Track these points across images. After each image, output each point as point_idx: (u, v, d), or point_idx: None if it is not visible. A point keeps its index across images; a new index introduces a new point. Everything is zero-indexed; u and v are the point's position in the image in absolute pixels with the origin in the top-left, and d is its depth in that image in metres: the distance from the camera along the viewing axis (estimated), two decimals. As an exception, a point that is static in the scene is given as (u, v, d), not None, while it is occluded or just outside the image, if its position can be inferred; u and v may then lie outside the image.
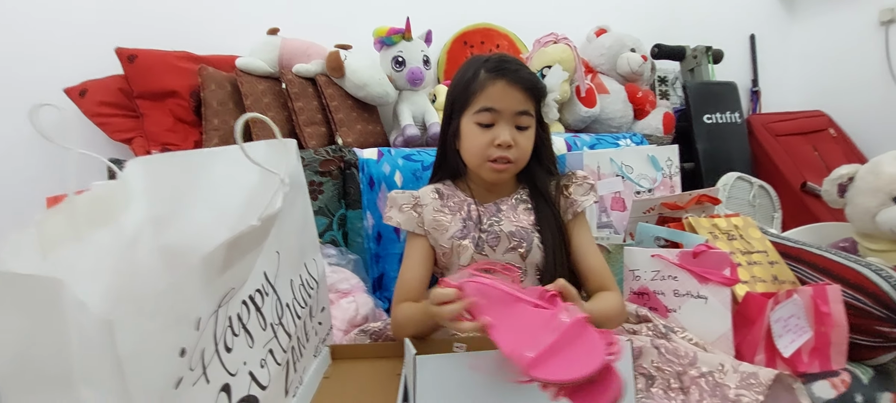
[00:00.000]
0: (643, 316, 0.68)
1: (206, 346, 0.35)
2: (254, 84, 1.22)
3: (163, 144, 1.16)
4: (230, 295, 0.39)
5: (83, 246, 0.35)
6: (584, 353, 0.41)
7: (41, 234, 0.31)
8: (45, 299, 0.24)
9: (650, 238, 0.81)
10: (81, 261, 0.33)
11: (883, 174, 0.97)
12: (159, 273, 0.46)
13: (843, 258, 0.77)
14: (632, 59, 1.58)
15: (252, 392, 0.42)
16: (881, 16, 1.82)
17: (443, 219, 0.73)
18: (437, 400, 0.48)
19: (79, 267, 0.33)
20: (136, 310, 0.26)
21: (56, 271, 0.24)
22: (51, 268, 0.30)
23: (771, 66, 2.09)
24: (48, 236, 0.31)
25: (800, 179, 1.60)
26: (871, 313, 0.69)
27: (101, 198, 0.39)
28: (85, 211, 0.36)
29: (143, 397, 0.27)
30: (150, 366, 0.27)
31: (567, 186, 0.75)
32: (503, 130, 0.69)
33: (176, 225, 0.55)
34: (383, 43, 1.33)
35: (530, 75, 0.71)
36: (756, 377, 0.54)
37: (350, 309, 0.85)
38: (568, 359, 0.41)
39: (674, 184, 1.19)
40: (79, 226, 0.35)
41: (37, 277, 0.24)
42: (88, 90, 1.15)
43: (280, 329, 0.51)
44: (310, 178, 1.09)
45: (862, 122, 1.86)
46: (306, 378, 0.58)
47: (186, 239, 0.53)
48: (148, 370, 0.27)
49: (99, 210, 0.39)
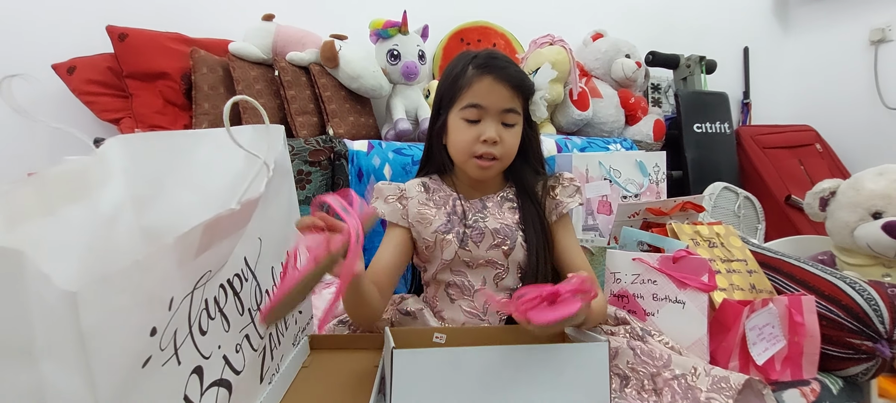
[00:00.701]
0: (621, 318, 0.69)
1: (179, 327, 0.35)
2: (246, 69, 1.21)
3: (151, 126, 1.15)
4: (207, 277, 0.39)
5: (53, 220, 0.34)
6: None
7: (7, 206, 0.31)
8: (6, 271, 0.23)
9: (633, 242, 0.82)
10: (51, 236, 0.33)
11: (863, 190, 0.99)
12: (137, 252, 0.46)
13: (820, 270, 0.78)
14: (626, 64, 1.59)
15: (225, 376, 0.42)
16: (871, 35, 1.86)
17: (427, 212, 0.73)
18: (414, 393, 0.49)
19: (47, 241, 0.32)
20: (101, 285, 0.26)
21: (20, 244, 0.24)
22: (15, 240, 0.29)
23: (763, 78, 2.12)
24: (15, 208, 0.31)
25: (784, 192, 1.63)
26: (844, 325, 0.70)
27: (75, 173, 0.39)
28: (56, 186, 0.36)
29: (106, 373, 0.27)
30: (115, 343, 0.27)
31: (553, 187, 0.76)
32: (489, 127, 0.69)
33: (158, 207, 0.54)
34: (379, 35, 1.33)
35: (518, 73, 0.71)
36: (727, 381, 0.55)
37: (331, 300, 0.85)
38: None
39: (660, 190, 1.20)
40: (49, 201, 0.34)
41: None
42: (77, 67, 1.13)
43: (258, 315, 0.51)
44: (299, 167, 1.09)
45: (848, 139, 1.89)
46: (284, 366, 0.58)
47: (168, 220, 0.53)
48: (113, 346, 0.27)
49: (72, 185, 0.38)
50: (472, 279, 0.72)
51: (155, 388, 0.33)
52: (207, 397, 0.39)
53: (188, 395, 0.37)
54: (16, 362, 0.25)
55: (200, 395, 0.38)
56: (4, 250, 0.23)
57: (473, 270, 0.72)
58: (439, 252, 0.72)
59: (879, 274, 0.97)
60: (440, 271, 0.73)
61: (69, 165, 0.39)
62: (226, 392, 0.42)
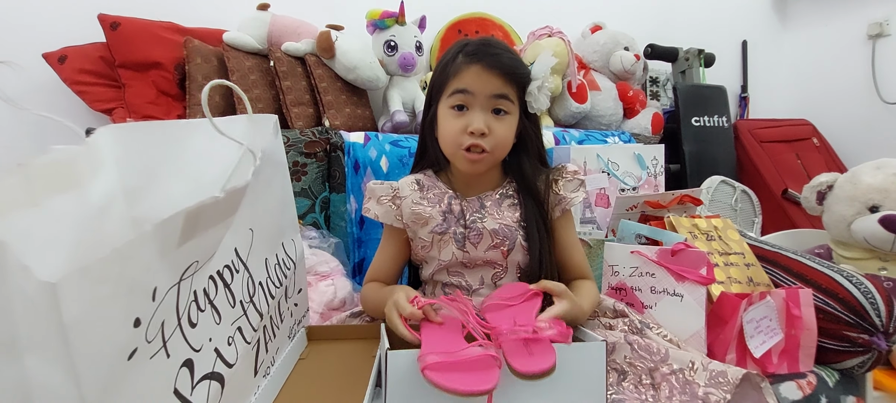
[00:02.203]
0: (620, 310, 0.68)
1: (166, 318, 0.34)
2: (241, 60, 1.19)
3: (144, 117, 1.13)
4: (194, 267, 0.38)
5: (39, 211, 0.33)
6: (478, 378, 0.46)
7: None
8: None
9: (631, 235, 0.82)
10: (37, 227, 0.32)
11: (861, 184, 0.99)
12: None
13: (817, 263, 0.78)
14: (625, 57, 1.58)
15: (217, 370, 0.42)
16: (869, 29, 1.85)
17: (422, 211, 0.70)
18: (408, 394, 0.48)
19: (34, 233, 0.31)
20: (81, 275, 0.25)
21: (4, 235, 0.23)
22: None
23: (761, 72, 2.11)
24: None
25: (781, 186, 1.63)
26: (841, 318, 0.70)
27: (63, 163, 0.38)
28: (42, 176, 0.35)
29: (90, 366, 0.26)
30: (98, 334, 0.26)
31: (556, 181, 0.72)
32: (476, 116, 0.65)
33: (150, 197, 0.53)
34: (376, 26, 1.31)
35: (511, 60, 0.67)
36: (725, 375, 0.54)
37: (328, 292, 0.84)
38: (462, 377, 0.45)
39: (658, 183, 1.20)
40: (35, 191, 0.33)
41: (-25, 238, 0.23)
42: (68, 56, 1.11)
43: (251, 307, 0.50)
44: (294, 159, 1.08)
45: (845, 133, 1.89)
46: (280, 359, 0.57)
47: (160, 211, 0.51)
48: (96, 338, 0.26)
49: (60, 175, 0.37)
50: (469, 279, 0.71)
51: (143, 381, 0.32)
52: (199, 390, 0.38)
53: (179, 389, 0.36)
54: (0, 356, 0.24)
55: (191, 388, 0.37)
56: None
57: (471, 270, 0.71)
58: (436, 252, 0.70)
59: (876, 267, 0.97)
60: (437, 271, 0.71)
61: (57, 155, 0.38)
62: (218, 386, 0.41)
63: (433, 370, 0.45)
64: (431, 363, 0.46)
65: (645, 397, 0.55)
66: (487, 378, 0.45)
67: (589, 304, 0.67)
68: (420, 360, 0.46)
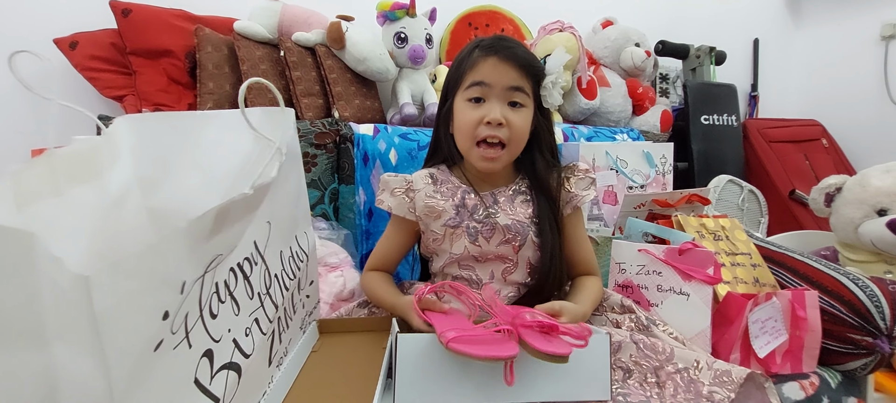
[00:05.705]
0: (628, 306, 0.69)
1: (190, 310, 0.35)
2: (251, 49, 1.19)
3: (155, 104, 1.14)
4: (217, 260, 0.39)
5: (63, 201, 0.34)
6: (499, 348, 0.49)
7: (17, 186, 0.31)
8: (17, 252, 0.23)
9: (639, 233, 0.82)
10: (61, 218, 0.33)
11: (870, 186, 0.99)
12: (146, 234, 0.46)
13: (823, 265, 0.78)
14: (635, 53, 1.57)
15: (235, 360, 0.43)
16: (883, 31, 1.83)
17: (435, 205, 0.71)
18: (418, 377, 0.50)
19: (58, 223, 0.32)
20: (114, 269, 0.26)
21: (31, 225, 0.23)
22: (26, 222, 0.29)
23: (772, 71, 2.09)
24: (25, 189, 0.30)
25: (789, 187, 1.62)
26: (846, 320, 0.71)
27: (84, 154, 0.38)
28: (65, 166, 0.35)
29: (119, 357, 0.27)
30: (128, 326, 0.27)
31: (568, 178, 0.73)
32: (494, 107, 0.67)
33: (165, 188, 0.54)
34: (386, 17, 1.31)
35: (526, 54, 0.69)
36: (729, 375, 0.55)
37: (338, 283, 0.85)
38: (484, 347, 0.48)
39: (666, 181, 1.20)
40: (58, 181, 0.34)
41: (7, 229, 0.23)
42: (79, 42, 1.11)
43: (267, 299, 0.51)
44: (304, 150, 1.08)
45: (854, 135, 1.88)
46: (293, 351, 0.58)
47: (175, 202, 0.52)
48: (126, 330, 0.27)
49: (81, 165, 0.38)
50: (480, 273, 0.71)
51: (166, 371, 0.33)
52: (218, 380, 0.39)
53: (199, 378, 0.37)
54: (27, 344, 0.25)
55: (211, 378, 0.38)
56: (15, 231, 0.23)
57: (482, 264, 0.71)
58: (448, 245, 0.71)
59: (882, 270, 0.97)
60: (448, 265, 0.72)
61: (78, 145, 0.38)
62: (235, 375, 0.42)
63: (457, 341, 0.48)
64: (453, 337, 0.48)
65: (650, 394, 0.56)
66: (508, 348, 0.48)
67: (591, 305, 0.69)
68: (441, 337, 0.49)
